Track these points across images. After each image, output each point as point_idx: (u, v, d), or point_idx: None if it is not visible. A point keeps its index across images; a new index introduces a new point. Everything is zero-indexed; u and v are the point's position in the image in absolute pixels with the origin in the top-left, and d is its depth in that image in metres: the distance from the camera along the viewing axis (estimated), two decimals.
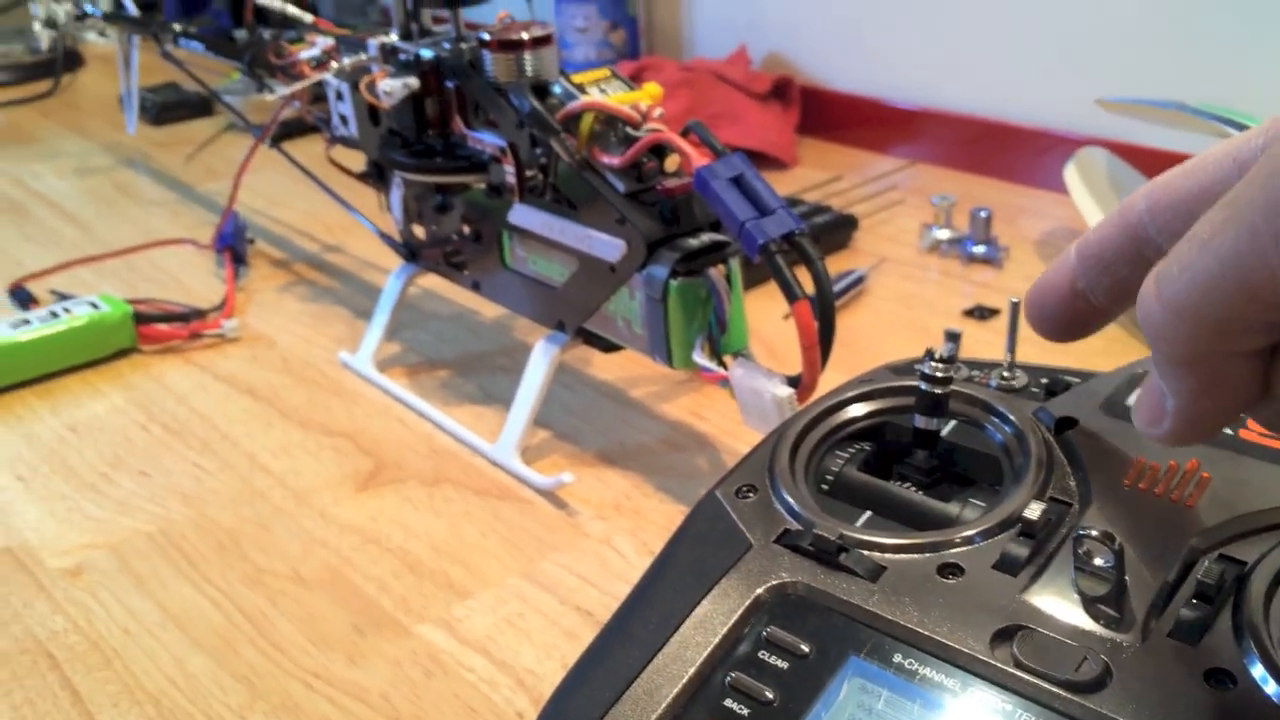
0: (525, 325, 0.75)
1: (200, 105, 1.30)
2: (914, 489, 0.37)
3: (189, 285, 0.86)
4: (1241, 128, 0.66)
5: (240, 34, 1.45)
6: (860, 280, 0.78)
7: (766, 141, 1.04)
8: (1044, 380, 0.41)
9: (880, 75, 1.06)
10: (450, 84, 0.61)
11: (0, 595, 0.52)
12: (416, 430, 0.64)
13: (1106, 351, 0.68)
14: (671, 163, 0.54)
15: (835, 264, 0.82)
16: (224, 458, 0.62)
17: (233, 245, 0.85)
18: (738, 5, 1.17)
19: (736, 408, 0.52)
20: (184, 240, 0.93)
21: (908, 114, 1.04)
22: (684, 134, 0.53)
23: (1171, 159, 0.91)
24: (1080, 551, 0.30)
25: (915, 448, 0.37)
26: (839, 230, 0.85)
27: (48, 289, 0.83)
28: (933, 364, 0.35)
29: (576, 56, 1.21)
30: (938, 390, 0.35)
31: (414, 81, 0.60)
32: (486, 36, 0.58)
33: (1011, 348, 0.42)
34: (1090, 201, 0.74)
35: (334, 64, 0.69)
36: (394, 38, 0.64)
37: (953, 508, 0.38)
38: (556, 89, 0.56)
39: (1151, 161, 0.84)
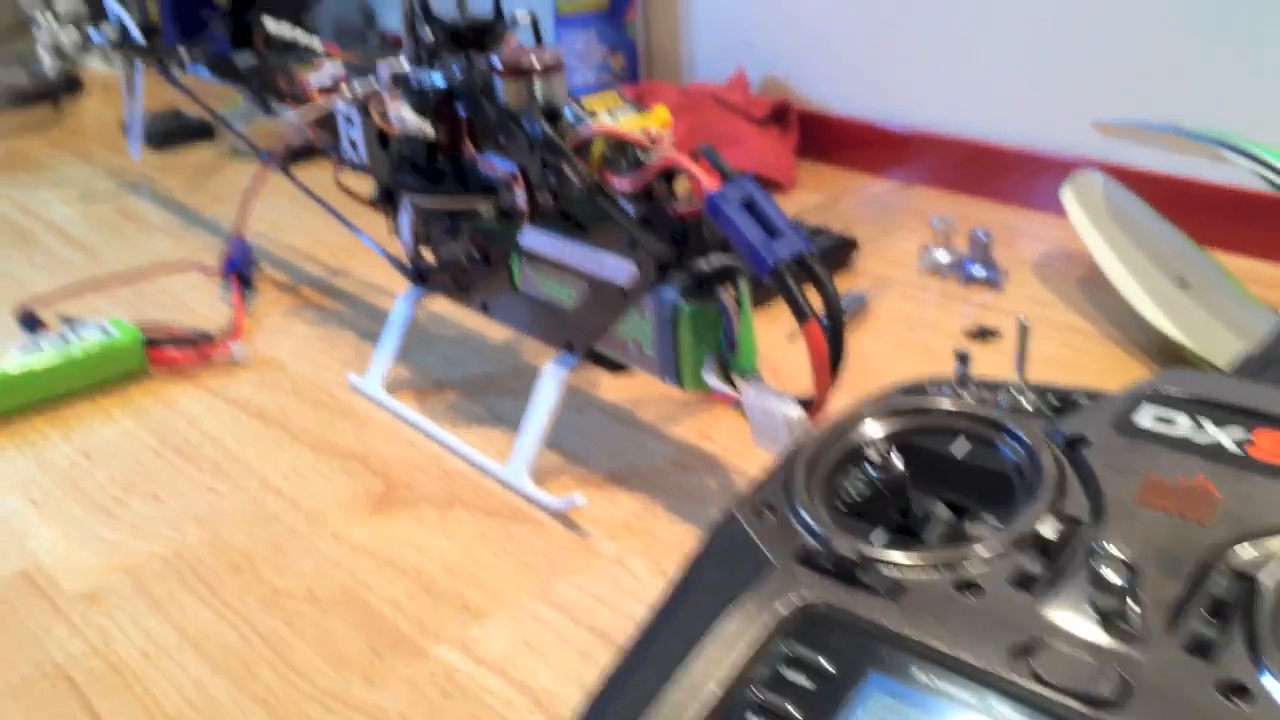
0: (531, 347, 0.76)
1: (202, 130, 1.31)
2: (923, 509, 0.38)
3: (196, 309, 0.86)
4: (1238, 151, 0.67)
5: (241, 57, 1.46)
6: (862, 301, 0.79)
7: (766, 164, 1.05)
8: (1053, 400, 0.42)
9: (877, 99, 1.08)
10: (461, 110, 0.62)
11: (18, 619, 0.52)
12: (426, 452, 0.65)
13: (1107, 372, 0.69)
14: (681, 186, 0.55)
15: (837, 285, 0.83)
16: (236, 480, 0.63)
17: (240, 270, 0.86)
18: (734, 29, 1.18)
19: (743, 429, 0.53)
20: (191, 264, 0.93)
21: (904, 137, 1.05)
22: (693, 158, 0.54)
23: (1168, 182, 0.92)
24: (1094, 568, 0.31)
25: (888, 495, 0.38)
26: (840, 252, 0.86)
27: (56, 313, 0.84)
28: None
29: (576, 81, 1.22)
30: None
31: (429, 129, 0.61)
32: (498, 64, 0.59)
33: (1021, 368, 0.43)
34: (1088, 224, 0.75)
35: (345, 90, 0.70)
36: (404, 64, 0.65)
37: (967, 526, 0.38)
38: (567, 113, 0.57)
39: (1149, 185, 0.86)
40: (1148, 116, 0.85)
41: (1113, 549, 0.31)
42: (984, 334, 0.74)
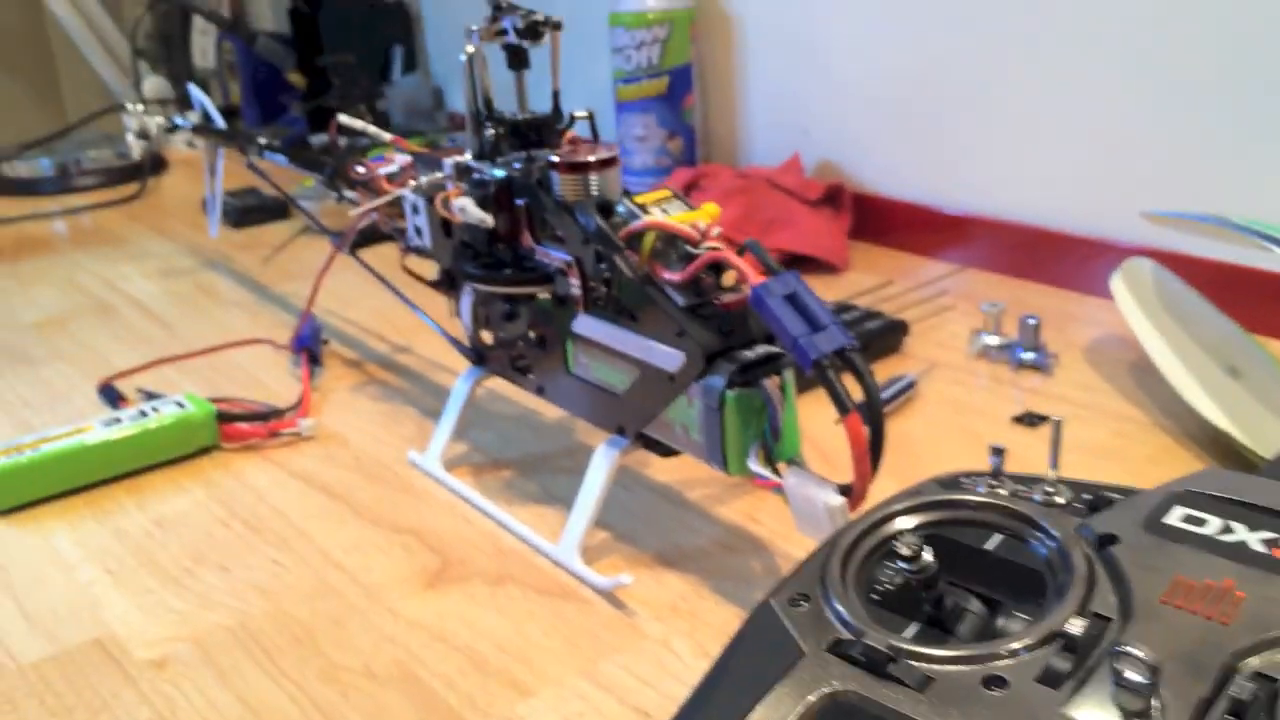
0: (585, 427, 0.78)
1: (278, 209, 1.37)
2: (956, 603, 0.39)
3: (266, 383, 0.90)
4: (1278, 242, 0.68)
5: (316, 140, 1.53)
6: (911, 385, 0.80)
7: (819, 246, 1.07)
8: (1087, 496, 0.43)
9: (930, 182, 1.09)
10: (520, 201, 0.65)
11: (90, 685, 0.55)
12: (481, 529, 0.67)
13: (1156, 461, 0.69)
14: (729, 278, 0.57)
15: (887, 368, 0.84)
16: (300, 553, 0.65)
17: (309, 347, 0.90)
18: (790, 115, 1.21)
19: (789, 512, 0.54)
20: (262, 340, 0.97)
21: (957, 220, 1.07)
22: (740, 252, 0.56)
23: (1217, 268, 0.93)
24: (1119, 667, 0.32)
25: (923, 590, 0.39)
26: (890, 335, 0.87)
27: (135, 387, 0.88)
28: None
29: (636, 164, 1.26)
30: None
31: (489, 220, 0.64)
32: (555, 158, 0.62)
33: (1055, 463, 0.44)
34: (1137, 312, 0.76)
35: (411, 181, 0.74)
36: (468, 157, 0.69)
37: (998, 621, 0.39)
38: (620, 208, 0.60)
39: (1198, 270, 0.86)
40: (1201, 206, 0.86)
41: (1136, 649, 0.32)
42: (1032, 420, 0.75)
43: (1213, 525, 0.38)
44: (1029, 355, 0.82)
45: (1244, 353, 0.75)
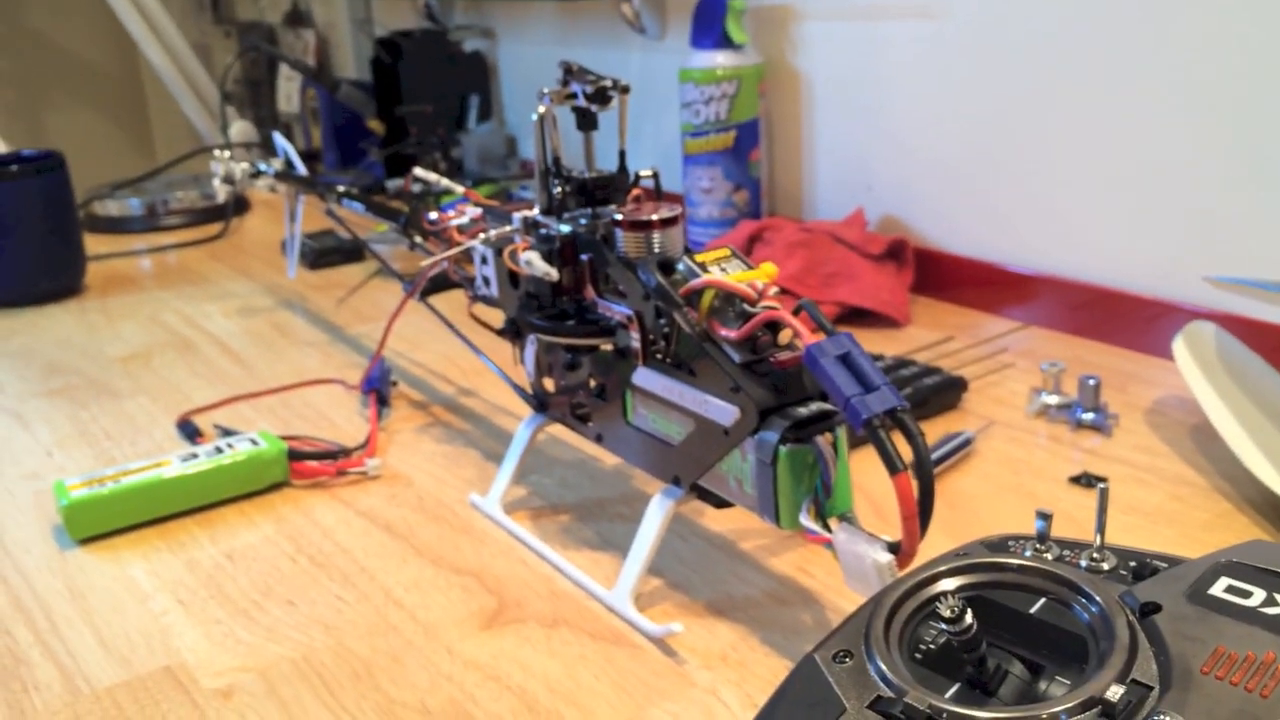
0: (642, 475, 0.80)
1: (353, 252, 1.41)
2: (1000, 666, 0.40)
3: (336, 422, 0.93)
4: None
5: (392, 184, 1.58)
6: (968, 443, 0.80)
7: (880, 301, 1.08)
8: (1132, 563, 0.43)
9: (993, 239, 1.10)
10: (584, 256, 0.67)
11: (159, 711, 0.57)
12: (538, 572, 0.69)
13: (1214, 526, 0.68)
14: (784, 336, 0.59)
15: (944, 425, 0.85)
16: (362, 590, 0.67)
17: (378, 388, 0.93)
18: (855, 169, 1.23)
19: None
20: (334, 380, 1.01)
21: (1019, 278, 1.07)
22: (796, 311, 0.57)
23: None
24: None
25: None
26: (948, 392, 0.88)
27: (212, 423, 0.92)
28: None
29: (701, 215, 1.28)
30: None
31: (554, 273, 0.67)
32: (619, 216, 0.64)
33: (1101, 529, 0.45)
34: (1199, 376, 0.75)
35: (481, 233, 0.76)
36: (536, 212, 0.71)
37: (1040, 684, 0.40)
38: (680, 266, 0.62)
39: (1263, 335, 0.86)
40: (1267, 270, 0.85)
41: (1174, 718, 0.32)
42: (1089, 481, 0.75)
43: (1257, 597, 0.39)
44: (1088, 415, 0.82)
45: None
